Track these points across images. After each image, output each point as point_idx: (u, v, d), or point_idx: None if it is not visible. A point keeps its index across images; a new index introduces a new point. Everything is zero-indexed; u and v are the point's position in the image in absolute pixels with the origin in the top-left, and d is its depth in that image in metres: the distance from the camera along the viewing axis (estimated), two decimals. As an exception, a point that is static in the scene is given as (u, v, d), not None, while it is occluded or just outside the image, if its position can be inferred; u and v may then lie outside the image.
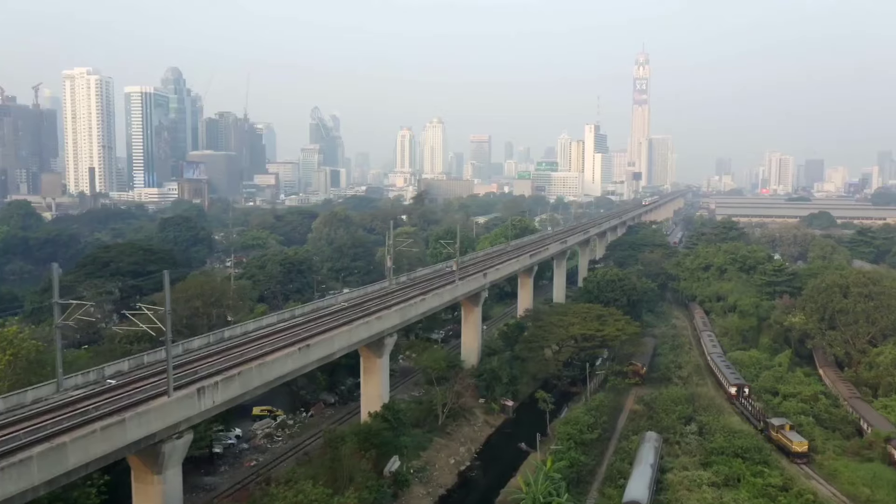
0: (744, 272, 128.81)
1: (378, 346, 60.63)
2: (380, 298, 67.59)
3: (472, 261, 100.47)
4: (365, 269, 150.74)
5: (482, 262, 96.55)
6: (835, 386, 79.59)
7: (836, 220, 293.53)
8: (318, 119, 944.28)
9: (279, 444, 67.24)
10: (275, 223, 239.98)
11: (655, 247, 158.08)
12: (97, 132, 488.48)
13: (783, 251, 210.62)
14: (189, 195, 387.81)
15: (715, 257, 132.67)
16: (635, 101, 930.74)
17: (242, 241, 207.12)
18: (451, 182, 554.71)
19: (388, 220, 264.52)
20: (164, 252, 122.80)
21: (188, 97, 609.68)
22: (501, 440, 71.19)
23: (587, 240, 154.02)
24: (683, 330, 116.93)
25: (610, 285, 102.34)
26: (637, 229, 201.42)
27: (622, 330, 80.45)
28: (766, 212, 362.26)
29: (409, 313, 60.50)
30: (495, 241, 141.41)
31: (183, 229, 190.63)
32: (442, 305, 69.92)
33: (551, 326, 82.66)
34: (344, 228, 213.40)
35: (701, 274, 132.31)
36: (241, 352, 46.68)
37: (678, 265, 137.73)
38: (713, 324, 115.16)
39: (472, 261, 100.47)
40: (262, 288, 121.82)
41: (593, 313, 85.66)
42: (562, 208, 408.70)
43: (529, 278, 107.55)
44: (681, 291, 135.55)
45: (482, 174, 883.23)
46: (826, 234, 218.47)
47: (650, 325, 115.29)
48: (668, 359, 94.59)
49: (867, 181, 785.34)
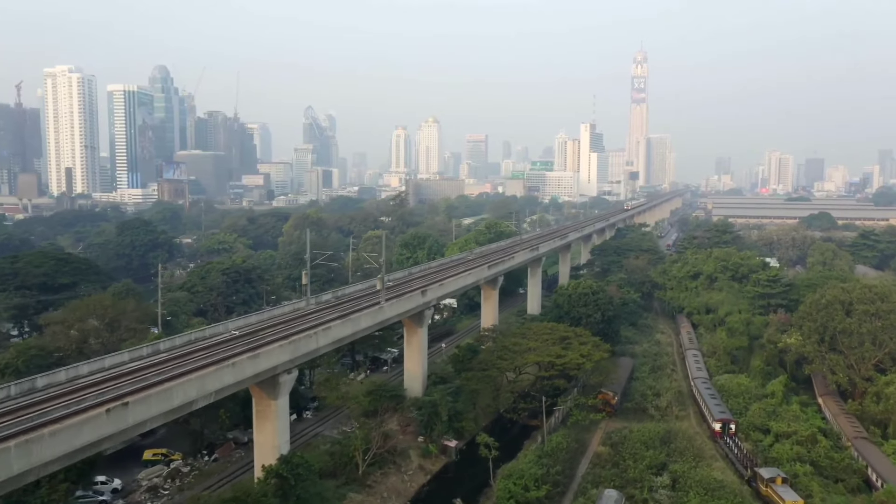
0: (736, 281, 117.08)
1: (271, 386, 48.84)
2: (284, 324, 55.81)
3: (420, 272, 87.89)
4: (326, 277, 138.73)
5: (429, 275, 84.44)
6: (837, 421, 67.74)
7: (837, 221, 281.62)
8: (312, 118, 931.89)
9: (164, 501, 55.41)
10: (247, 226, 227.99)
11: (642, 252, 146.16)
12: (79, 131, 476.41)
13: (781, 255, 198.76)
14: (169, 196, 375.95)
15: (704, 265, 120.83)
16: (633, 100, 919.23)
17: (207, 245, 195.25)
18: (442, 182, 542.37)
19: (369, 221, 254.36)
20: (82, 262, 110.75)
21: (176, 96, 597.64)
22: (436, 493, 59.31)
23: (567, 245, 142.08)
24: (668, 346, 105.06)
25: (582, 299, 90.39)
26: (625, 232, 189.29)
27: (587, 356, 68.48)
28: (764, 212, 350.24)
29: (304, 347, 48.64)
30: (465, 247, 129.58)
31: (141, 233, 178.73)
32: (360, 332, 58.08)
33: (506, 351, 70.84)
34: (316, 232, 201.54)
35: (689, 283, 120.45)
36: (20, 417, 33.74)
37: (664, 273, 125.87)
38: (700, 339, 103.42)
39: (420, 272, 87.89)
40: (202, 300, 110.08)
41: (556, 335, 73.78)
42: (554, 209, 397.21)
43: (494, 290, 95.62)
44: (667, 302, 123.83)
45: (478, 174, 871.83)
46: (826, 236, 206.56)
47: (630, 342, 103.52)
48: (645, 384, 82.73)
49: (868, 180, 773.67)
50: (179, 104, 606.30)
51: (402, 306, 62.90)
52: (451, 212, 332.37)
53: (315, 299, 67.36)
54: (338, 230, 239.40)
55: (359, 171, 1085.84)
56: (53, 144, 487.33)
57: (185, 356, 45.95)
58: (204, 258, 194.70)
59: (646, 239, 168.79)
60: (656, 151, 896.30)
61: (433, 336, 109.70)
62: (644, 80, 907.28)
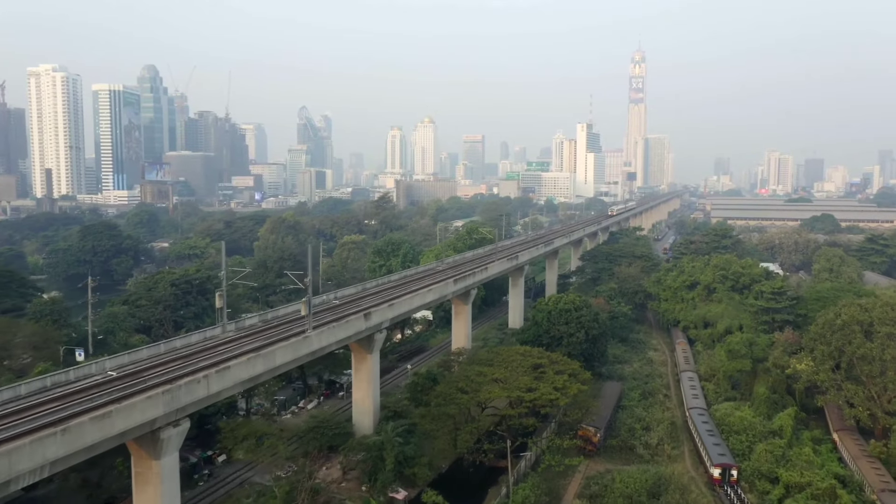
0: (736, 292, 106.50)
1: (151, 443, 38.32)
2: (183, 359, 45.21)
3: (376, 288, 76.24)
4: (291, 289, 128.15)
5: (386, 290, 73.47)
6: (857, 466, 57.24)
7: (840, 224, 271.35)
8: (306, 119, 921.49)
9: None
10: (222, 230, 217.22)
11: (635, 258, 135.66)
12: (64, 132, 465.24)
13: (783, 259, 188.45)
14: (153, 198, 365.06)
15: (702, 274, 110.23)
16: (631, 100, 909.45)
17: (177, 250, 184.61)
18: (434, 183, 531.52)
19: (352, 224, 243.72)
20: (4, 273, 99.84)
21: (165, 96, 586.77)
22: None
23: (554, 251, 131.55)
24: (661, 366, 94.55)
25: (563, 316, 79.82)
26: (619, 236, 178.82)
27: (562, 390, 57.89)
28: (764, 214, 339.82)
29: (188, 395, 37.98)
30: (441, 255, 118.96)
31: (103, 238, 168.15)
32: (279, 369, 47.28)
33: (468, 382, 60.26)
34: (293, 236, 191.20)
35: (685, 294, 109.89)
36: None
37: (658, 283, 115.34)
38: (698, 358, 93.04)
39: (376, 288, 76.24)
40: (147, 315, 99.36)
41: (528, 362, 63.20)
42: (548, 211, 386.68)
43: (466, 305, 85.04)
44: (661, 314, 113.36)
45: (475, 175, 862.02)
46: (831, 240, 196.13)
47: (619, 361, 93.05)
48: (634, 415, 72.22)
49: (868, 181, 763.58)
50: (169, 104, 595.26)
51: (335, 334, 52.24)
52: (441, 214, 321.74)
53: (235, 325, 56.58)
54: (318, 234, 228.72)
55: (355, 172, 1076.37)
56: (37, 145, 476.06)
57: (25, 412, 35.33)
58: (173, 264, 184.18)
59: (640, 244, 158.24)
60: (654, 152, 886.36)
61: (401, 354, 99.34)
62: (642, 79, 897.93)
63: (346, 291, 71.96)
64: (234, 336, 51.93)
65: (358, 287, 73.73)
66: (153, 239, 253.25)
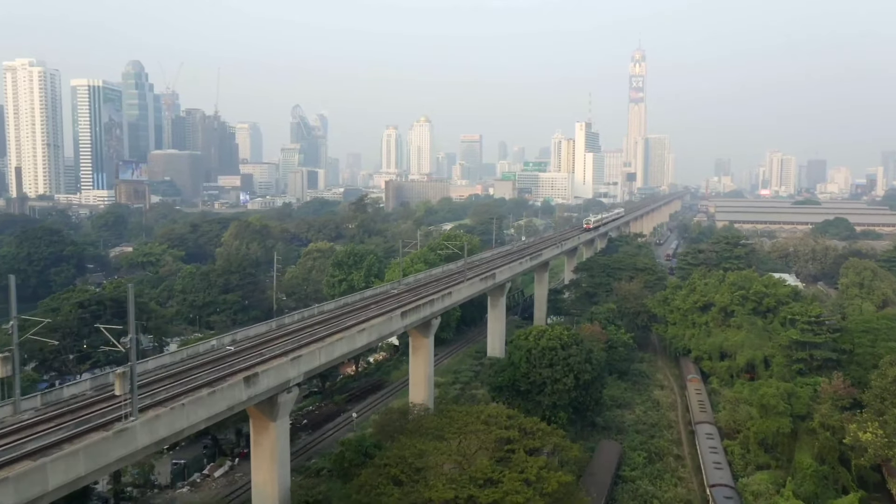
0: (759, 315, 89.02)
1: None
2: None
3: (298, 323, 56.11)
4: (238, 306, 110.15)
5: (307, 329, 54.11)
6: None
7: (855, 228, 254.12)
8: (300, 118, 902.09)
9: None
10: (186, 234, 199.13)
11: (637, 271, 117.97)
12: (41, 129, 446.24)
13: (799, 269, 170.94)
14: (128, 198, 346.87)
15: (717, 293, 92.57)
16: (631, 100, 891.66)
17: (129, 258, 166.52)
18: (426, 184, 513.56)
19: (329, 228, 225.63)
20: None
21: (150, 93, 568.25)
22: None
23: (544, 263, 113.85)
24: (670, 410, 76.90)
25: (547, 357, 62.00)
26: (618, 243, 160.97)
27: (537, 485, 40.11)
28: (772, 217, 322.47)
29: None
30: (410, 269, 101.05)
31: (42, 244, 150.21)
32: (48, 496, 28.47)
33: (404, 466, 42.51)
34: (259, 241, 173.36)
35: (697, 317, 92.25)
36: None
37: (665, 303, 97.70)
38: (714, 399, 75.53)
39: (298, 323, 56.11)
40: (41, 344, 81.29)
41: (493, 434, 45.46)
42: (544, 213, 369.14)
43: (426, 338, 67.00)
44: (668, 340, 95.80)
45: (472, 175, 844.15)
46: (853, 247, 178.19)
47: (618, 404, 75.52)
48: (639, 493, 54.58)
49: (873, 182, 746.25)
50: (155, 101, 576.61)
51: (188, 416, 33.98)
52: (430, 217, 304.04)
53: (37, 400, 37.42)
54: (292, 239, 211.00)
55: (352, 172, 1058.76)
56: (14, 142, 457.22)
57: None
58: (124, 274, 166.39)
59: (641, 253, 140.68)
60: (655, 152, 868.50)
61: (352, 394, 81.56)
62: (642, 78, 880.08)
63: (256, 330, 53.91)
64: (25, 423, 33.31)
65: (268, 325, 55.60)
66: (119, 242, 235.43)
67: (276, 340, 50.65)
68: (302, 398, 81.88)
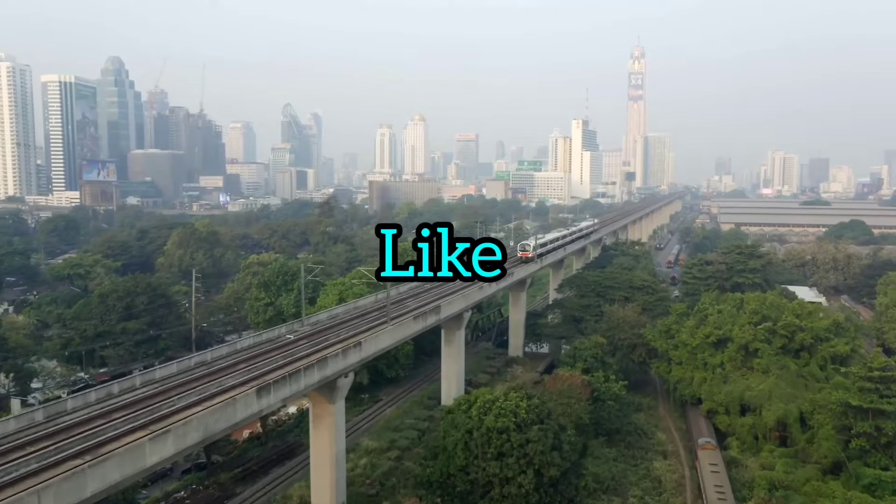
0: (789, 354, 68.78)
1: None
2: None
3: (127, 394, 35.35)
4: (143, 336, 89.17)
5: (144, 400, 33.67)
6: None
7: (872, 231, 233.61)
8: (291, 117, 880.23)
9: None
10: (131, 242, 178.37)
11: (633, 290, 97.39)
12: (10, 127, 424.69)
13: (818, 279, 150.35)
14: (93, 200, 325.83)
15: (733, 324, 71.98)
16: (630, 98, 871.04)
17: (54, 270, 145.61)
18: (416, 184, 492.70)
19: (294, 234, 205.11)
20: None
21: (131, 90, 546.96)
22: None
23: (521, 281, 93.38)
24: (676, 495, 56.18)
25: (495, 444, 41.46)
26: (613, 253, 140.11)
27: None
28: (779, 219, 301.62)
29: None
30: (347, 294, 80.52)
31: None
32: None
33: None
34: (205, 250, 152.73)
35: (709, 356, 71.78)
36: None
37: (667, 335, 77.11)
38: (737, 479, 55.37)
39: (127, 394, 35.35)
40: None
41: None
42: (536, 214, 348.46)
43: (332, 404, 46.44)
44: (672, 384, 75.31)
45: (467, 175, 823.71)
46: (877, 255, 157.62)
47: (603, 488, 54.97)
48: None
49: (878, 181, 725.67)
50: (135, 99, 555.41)
51: None
52: (414, 219, 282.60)
53: None
54: (253, 246, 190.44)
55: (347, 172, 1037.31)
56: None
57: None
58: (46, 288, 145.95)
59: (639, 266, 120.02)
60: (654, 151, 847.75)
61: (246, 469, 60.73)
62: (641, 76, 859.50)
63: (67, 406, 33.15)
64: None
65: (80, 400, 34.78)
66: (69, 250, 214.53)
67: (90, 423, 29.67)
68: (180, 473, 61.27)
